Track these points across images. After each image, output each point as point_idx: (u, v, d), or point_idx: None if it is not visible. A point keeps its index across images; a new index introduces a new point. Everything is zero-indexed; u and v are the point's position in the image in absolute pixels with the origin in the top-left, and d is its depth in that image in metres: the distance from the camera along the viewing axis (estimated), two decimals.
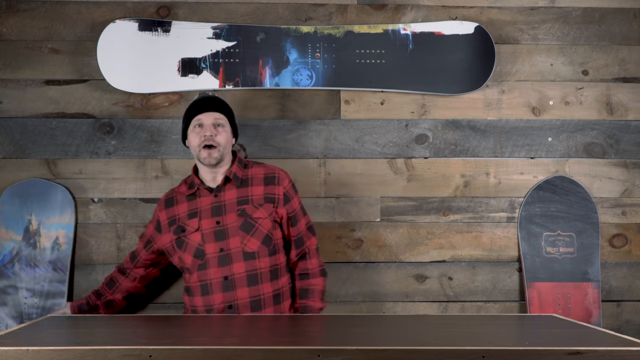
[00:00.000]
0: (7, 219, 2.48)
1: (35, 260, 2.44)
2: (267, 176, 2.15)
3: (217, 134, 2.09)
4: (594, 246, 2.63)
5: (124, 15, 2.63)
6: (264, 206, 2.09)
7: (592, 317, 2.58)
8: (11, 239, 2.46)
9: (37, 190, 2.52)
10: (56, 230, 2.48)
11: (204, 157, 2.08)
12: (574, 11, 2.71)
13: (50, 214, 2.49)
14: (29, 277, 2.42)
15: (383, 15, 2.68)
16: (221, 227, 2.07)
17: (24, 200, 2.50)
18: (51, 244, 2.46)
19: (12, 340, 1.37)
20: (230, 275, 2.03)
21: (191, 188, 2.16)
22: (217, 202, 2.10)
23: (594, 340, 1.41)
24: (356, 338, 1.45)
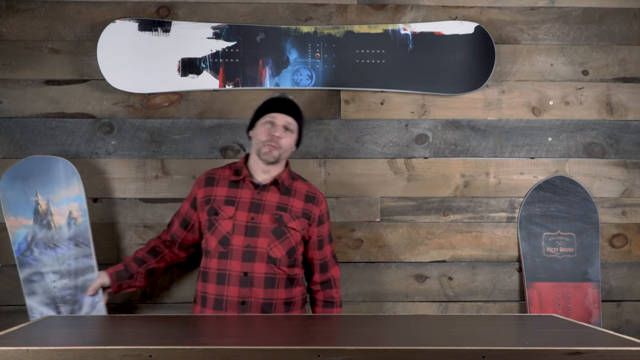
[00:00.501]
0: (12, 205, 2.34)
1: (54, 240, 2.31)
2: (309, 194, 2.20)
3: (284, 138, 2.13)
4: (594, 246, 2.63)
5: (124, 15, 2.63)
6: (300, 220, 2.14)
7: (592, 317, 2.58)
8: (22, 225, 2.33)
9: (36, 167, 2.38)
10: (67, 204, 2.37)
11: (264, 151, 2.11)
12: (574, 11, 2.71)
13: (57, 189, 2.36)
14: (51, 259, 2.30)
15: (383, 15, 2.68)
16: (254, 224, 2.09)
17: (25, 182, 2.36)
18: (66, 220, 2.34)
19: (12, 340, 1.37)
20: (250, 272, 2.05)
21: (236, 175, 2.18)
22: (257, 199, 2.13)
23: (594, 340, 1.41)
24: (356, 338, 1.45)
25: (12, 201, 2.34)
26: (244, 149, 2.64)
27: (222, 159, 2.64)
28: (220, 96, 2.65)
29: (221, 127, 2.65)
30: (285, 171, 2.19)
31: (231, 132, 2.64)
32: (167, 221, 2.61)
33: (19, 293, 2.57)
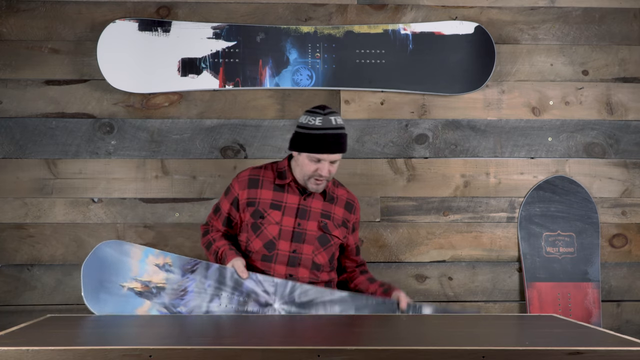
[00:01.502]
0: (119, 306, 1.97)
1: (175, 290, 2.00)
2: (348, 201, 2.21)
3: (332, 170, 2.08)
4: (594, 246, 2.63)
5: (124, 15, 2.63)
6: (340, 228, 2.16)
7: (592, 317, 2.58)
8: (149, 309, 1.97)
9: (96, 268, 2.00)
10: (146, 265, 2.02)
11: (311, 186, 2.09)
12: (574, 11, 2.71)
13: (126, 269, 2.01)
14: (196, 296, 2.00)
15: (383, 15, 2.68)
16: (300, 230, 2.11)
17: (102, 285, 1.99)
18: (162, 271, 2.03)
19: (12, 340, 1.37)
20: (295, 275, 2.09)
21: (280, 178, 2.14)
22: (304, 206, 2.13)
23: (594, 340, 1.41)
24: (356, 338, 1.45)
25: (114, 306, 1.97)
26: (244, 149, 2.64)
27: (222, 159, 2.64)
28: (220, 96, 2.65)
29: (221, 127, 2.65)
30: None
31: (231, 132, 2.64)
32: (168, 221, 2.61)
33: (19, 293, 2.58)
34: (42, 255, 2.59)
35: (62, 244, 2.59)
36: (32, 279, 2.58)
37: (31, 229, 2.59)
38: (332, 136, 2.04)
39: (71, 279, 2.58)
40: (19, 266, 2.58)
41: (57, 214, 2.60)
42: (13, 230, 2.59)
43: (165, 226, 2.61)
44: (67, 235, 2.60)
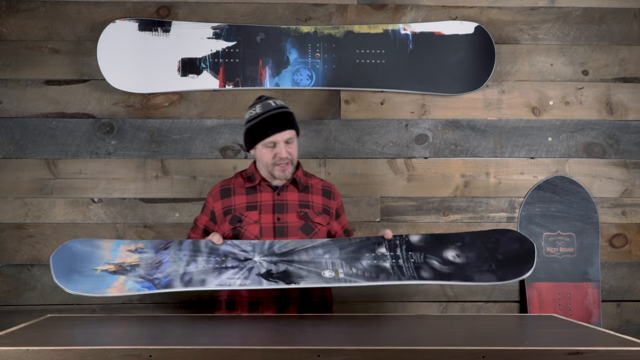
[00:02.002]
0: (94, 287, 1.80)
1: (150, 265, 1.88)
2: (325, 188, 2.18)
3: (290, 150, 2.07)
4: (594, 246, 2.63)
5: (124, 15, 2.63)
6: (322, 215, 2.12)
7: (592, 317, 2.58)
8: (124, 284, 1.81)
9: (66, 259, 1.87)
10: (119, 252, 1.93)
11: (277, 174, 2.07)
12: (574, 11, 2.71)
13: (99, 257, 1.90)
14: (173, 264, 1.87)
15: (383, 15, 2.68)
16: (281, 224, 2.07)
17: (73, 272, 1.83)
18: (135, 253, 1.93)
19: (12, 340, 1.37)
20: None
21: (250, 181, 2.14)
22: (279, 200, 2.10)
23: (594, 340, 1.41)
24: (356, 338, 1.45)
25: (89, 285, 1.80)
26: (244, 148, 2.64)
27: (222, 159, 2.64)
28: (220, 96, 2.65)
29: (221, 127, 2.65)
30: (300, 169, 2.17)
31: (231, 132, 2.64)
32: (167, 221, 2.61)
33: (19, 293, 2.58)
34: (42, 255, 2.59)
35: (62, 244, 2.59)
36: (32, 279, 2.58)
37: (31, 229, 2.59)
38: (275, 116, 2.07)
39: None
40: (19, 266, 2.58)
41: (57, 214, 2.60)
42: (13, 230, 2.59)
43: (165, 226, 2.61)
44: (67, 235, 2.60)
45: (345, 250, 1.92)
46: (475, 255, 1.83)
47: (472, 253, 1.84)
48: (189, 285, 1.76)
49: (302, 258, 1.89)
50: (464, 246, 1.88)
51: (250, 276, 1.80)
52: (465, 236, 1.91)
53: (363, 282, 1.78)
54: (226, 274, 1.80)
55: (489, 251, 1.84)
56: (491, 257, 1.80)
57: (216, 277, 1.79)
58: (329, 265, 1.86)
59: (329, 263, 1.86)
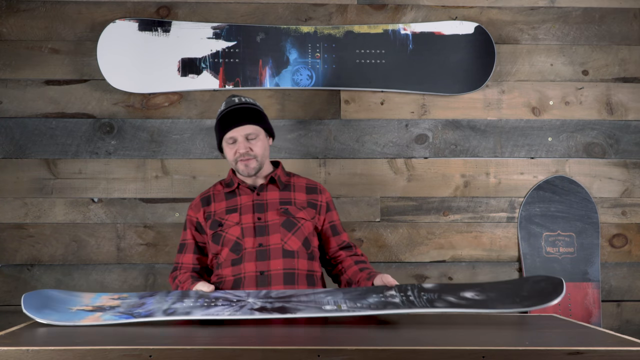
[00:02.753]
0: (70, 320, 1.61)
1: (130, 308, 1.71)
2: (309, 186, 2.13)
3: (252, 147, 2.02)
4: (594, 246, 2.63)
5: (124, 15, 2.63)
6: (306, 209, 2.06)
7: (592, 317, 2.58)
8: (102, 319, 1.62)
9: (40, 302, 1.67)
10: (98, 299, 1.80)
11: (241, 169, 2.03)
12: (574, 11, 2.71)
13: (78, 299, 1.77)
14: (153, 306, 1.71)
15: (383, 15, 2.68)
16: (262, 223, 2.01)
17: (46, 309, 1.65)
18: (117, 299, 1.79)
19: (12, 340, 1.37)
20: (266, 271, 1.95)
21: (229, 186, 2.11)
22: (258, 200, 2.06)
23: (594, 340, 1.40)
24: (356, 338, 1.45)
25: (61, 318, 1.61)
26: None
27: (222, 159, 2.64)
28: (220, 96, 2.65)
29: None
30: (280, 168, 2.14)
31: None
32: (167, 221, 2.61)
33: (19, 293, 2.57)
34: (42, 255, 2.59)
35: (62, 244, 2.59)
36: (32, 279, 2.58)
37: (31, 229, 2.59)
38: (233, 111, 2.03)
39: (71, 279, 2.58)
40: (19, 266, 2.58)
41: (57, 214, 2.60)
42: (13, 230, 2.59)
43: (165, 226, 2.61)
44: (67, 235, 2.60)
45: (350, 293, 1.77)
46: (497, 294, 1.71)
47: (493, 293, 1.71)
48: (171, 316, 1.59)
49: (301, 299, 1.73)
50: (484, 289, 1.76)
51: (241, 310, 1.64)
52: (485, 284, 1.79)
53: (369, 311, 1.62)
54: (215, 308, 1.64)
55: (512, 290, 1.71)
56: (515, 294, 1.68)
57: (203, 310, 1.63)
58: (330, 302, 1.71)
59: (331, 301, 1.72)
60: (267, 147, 2.09)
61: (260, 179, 2.11)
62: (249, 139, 2.02)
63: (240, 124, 2.01)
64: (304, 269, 2.00)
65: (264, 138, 2.07)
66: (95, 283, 2.58)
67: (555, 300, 1.56)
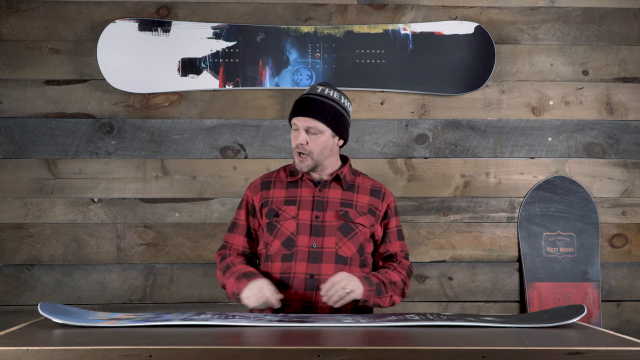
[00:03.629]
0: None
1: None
2: (374, 188, 2.02)
3: (309, 142, 1.91)
4: (594, 246, 2.63)
5: (124, 15, 2.63)
6: (366, 215, 1.96)
7: (592, 317, 2.58)
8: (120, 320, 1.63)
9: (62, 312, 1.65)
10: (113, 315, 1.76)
11: (296, 162, 1.94)
12: (574, 11, 2.71)
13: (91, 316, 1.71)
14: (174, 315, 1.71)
15: (383, 15, 2.68)
16: (319, 223, 1.92)
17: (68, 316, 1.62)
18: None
19: (12, 340, 1.37)
20: (317, 275, 1.87)
21: (292, 175, 2.00)
22: (319, 197, 1.96)
23: (594, 340, 1.40)
24: (356, 338, 1.45)
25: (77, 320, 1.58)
26: (244, 148, 2.64)
27: (222, 159, 2.64)
28: (220, 96, 2.65)
29: (221, 127, 2.65)
30: (347, 166, 2.02)
31: (231, 132, 2.64)
32: (168, 221, 2.61)
33: (19, 293, 2.57)
34: (42, 255, 2.59)
35: (62, 244, 2.59)
36: (32, 279, 2.58)
37: (31, 229, 2.59)
38: (304, 100, 1.93)
39: (71, 279, 2.58)
40: (19, 266, 2.58)
41: (57, 214, 2.60)
42: (13, 230, 2.59)
43: (165, 226, 2.61)
44: (67, 235, 2.60)
45: (370, 316, 1.72)
46: (517, 319, 1.72)
47: (512, 319, 1.71)
48: (189, 320, 1.57)
49: (319, 318, 1.67)
50: (503, 316, 1.79)
51: (262, 320, 1.61)
52: (505, 315, 1.79)
53: (387, 323, 1.58)
54: (232, 320, 1.60)
55: (533, 316, 1.74)
56: (536, 318, 1.69)
57: (222, 319, 1.60)
58: (349, 320, 1.64)
59: (350, 319, 1.65)
60: (329, 147, 1.95)
61: (326, 175, 2.00)
62: (309, 132, 1.92)
63: (304, 114, 1.92)
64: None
65: (328, 137, 1.94)
66: (95, 283, 2.58)
67: (576, 318, 1.57)
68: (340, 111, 1.96)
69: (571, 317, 1.58)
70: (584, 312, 1.58)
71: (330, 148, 1.96)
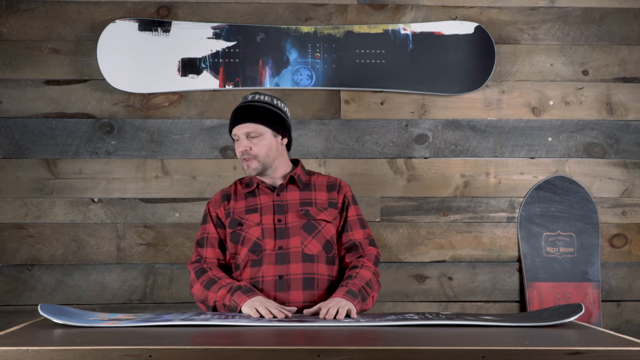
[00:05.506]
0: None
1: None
2: (329, 184, 2.07)
3: (252, 146, 1.96)
4: (594, 246, 2.63)
5: (124, 15, 2.63)
6: (328, 210, 2.00)
7: (592, 317, 2.58)
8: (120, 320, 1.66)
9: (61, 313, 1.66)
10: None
11: (244, 169, 2.00)
12: (574, 11, 2.71)
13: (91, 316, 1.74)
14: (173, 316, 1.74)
15: (383, 15, 2.68)
16: (282, 226, 1.97)
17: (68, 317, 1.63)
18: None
19: (12, 340, 1.37)
20: (285, 275, 1.92)
21: (248, 186, 2.05)
22: (279, 201, 2.00)
23: (594, 340, 1.40)
24: (356, 338, 1.45)
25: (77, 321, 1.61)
26: None
27: (222, 159, 2.64)
28: (220, 96, 2.65)
29: (221, 127, 2.65)
30: (299, 167, 2.07)
31: None
32: (168, 221, 2.61)
33: (19, 293, 2.58)
34: (42, 255, 2.59)
35: (62, 244, 2.59)
36: (32, 279, 2.58)
37: (31, 229, 2.59)
38: (238, 109, 1.99)
39: (71, 279, 2.59)
40: (19, 266, 2.58)
41: (57, 214, 2.60)
42: (13, 230, 2.59)
43: (165, 226, 2.61)
44: (67, 235, 2.60)
45: (369, 316, 1.75)
46: (516, 317, 1.76)
47: (511, 317, 1.76)
48: (189, 321, 1.60)
49: (320, 323, 1.67)
50: (502, 315, 1.85)
51: (262, 320, 1.66)
52: (504, 314, 1.84)
53: (386, 323, 1.61)
54: (234, 320, 1.64)
55: (532, 315, 1.78)
56: (535, 317, 1.72)
57: (222, 319, 1.64)
58: (349, 320, 1.69)
59: (349, 321, 1.68)
60: (274, 147, 2.00)
61: (279, 178, 2.05)
62: (250, 137, 1.97)
63: (240, 122, 1.98)
64: (324, 274, 1.96)
65: (270, 137, 1.99)
66: (95, 283, 2.58)
67: (574, 316, 1.59)
68: (274, 111, 2.01)
69: (569, 315, 1.59)
70: (582, 311, 1.60)
71: (276, 148, 2.01)
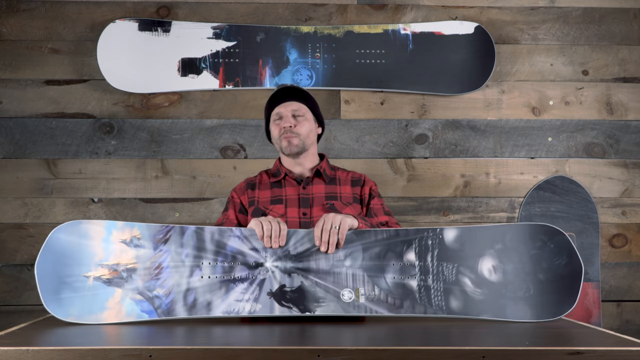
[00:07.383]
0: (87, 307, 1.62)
1: (148, 269, 1.67)
2: (353, 179, 2.08)
3: (297, 124, 1.98)
4: (594, 246, 2.63)
5: (124, 15, 2.63)
6: (352, 205, 2.00)
7: (592, 317, 2.58)
8: (125, 304, 1.64)
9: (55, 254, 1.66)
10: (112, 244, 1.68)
11: (284, 146, 1.98)
12: (574, 11, 2.71)
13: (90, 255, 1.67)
14: (177, 271, 1.68)
15: (383, 15, 2.68)
16: (307, 220, 1.96)
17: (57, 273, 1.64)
18: (132, 248, 1.68)
19: (12, 340, 1.37)
20: None
21: (275, 176, 2.05)
22: (304, 194, 2.00)
23: (594, 340, 1.40)
24: (356, 338, 1.45)
25: (81, 307, 1.62)
26: (244, 149, 2.64)
27: (222, 159, 2.64)
28: (220, 96, 2.65)
29: (221, 127, 2.65)
30: (324, 161, 2.09)
31: (231, 132, 2.64)
32: (168, 221, 2.61)
33: (19, 293, 2.57)
34: None
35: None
36: (32, 279, 2.58)
37: (31, 229, 2.59)
38: (281, 90, 2.02)
39: None
40: (19, 266, 2.58)
41: (57, 214, 2.60)
42: (13, 230, 2.59)
43: None
44: None
45: (369, 253, 1.69)
46: (514, 269, 1.68)
47: (510, 265, 1.68)
48: (193, 310, 1.65)
49: (320, 266, 1.67)
50: (504, 252, 1.71)
51: (260, 296, 1.67)
52: (507, 233, 1.73)
53: (385, 311, 1.68)
54: (234, 292, 1.67)
55: (531, 262, 1.68)
56: (532, 274, 1.66)
57: (223, 296, 1.67)
58: (349, 280, 1.68)
59: (349, 276, 1.68)
60: (313, 131, 2.04)
61: (307, 171, 2.05)
62: (295, 115, 1.99)
63: (287, 99, 2.01)
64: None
65: (311, 120, 2.03)
66: None
67: (565, 312, 1.62)
68: (313, 98, 2.08)
69: (561, 308, 1.64)
70: (577, 295, 1.62)
71: (314, 134, 2.06)
